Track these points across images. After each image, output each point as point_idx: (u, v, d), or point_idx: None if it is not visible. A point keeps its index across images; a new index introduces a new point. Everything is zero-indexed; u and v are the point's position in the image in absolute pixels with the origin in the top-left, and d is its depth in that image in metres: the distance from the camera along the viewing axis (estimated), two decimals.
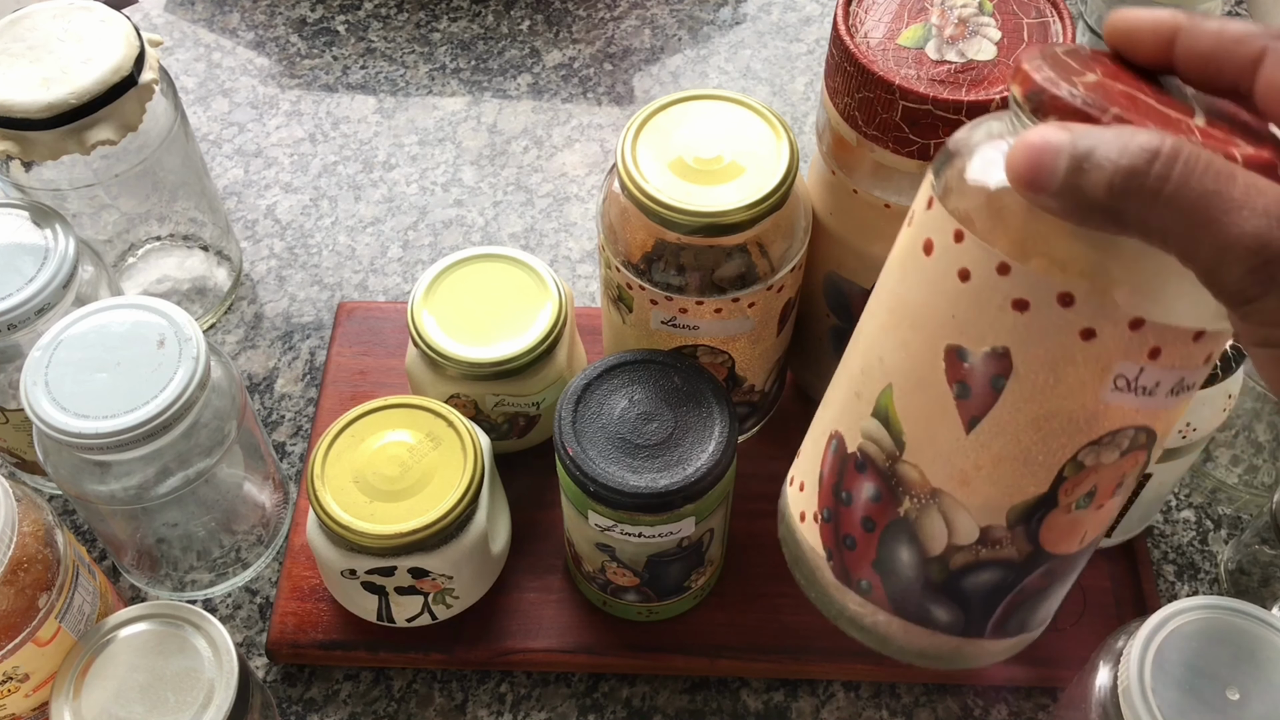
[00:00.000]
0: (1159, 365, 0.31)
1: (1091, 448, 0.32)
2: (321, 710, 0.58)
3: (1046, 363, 0.31)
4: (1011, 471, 0.33)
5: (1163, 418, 0.33)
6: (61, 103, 0.55)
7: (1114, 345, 0.31)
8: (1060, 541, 0.34)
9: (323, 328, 0.71)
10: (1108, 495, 0.34)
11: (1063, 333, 0.31)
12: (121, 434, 0.49)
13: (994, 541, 0.34)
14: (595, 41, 0.85)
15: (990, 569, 0.34)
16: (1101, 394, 0.31)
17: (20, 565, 0.46)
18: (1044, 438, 0.32)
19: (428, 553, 0.52)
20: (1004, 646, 0.37)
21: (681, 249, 0.50)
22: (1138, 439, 0.33)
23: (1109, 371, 0.31)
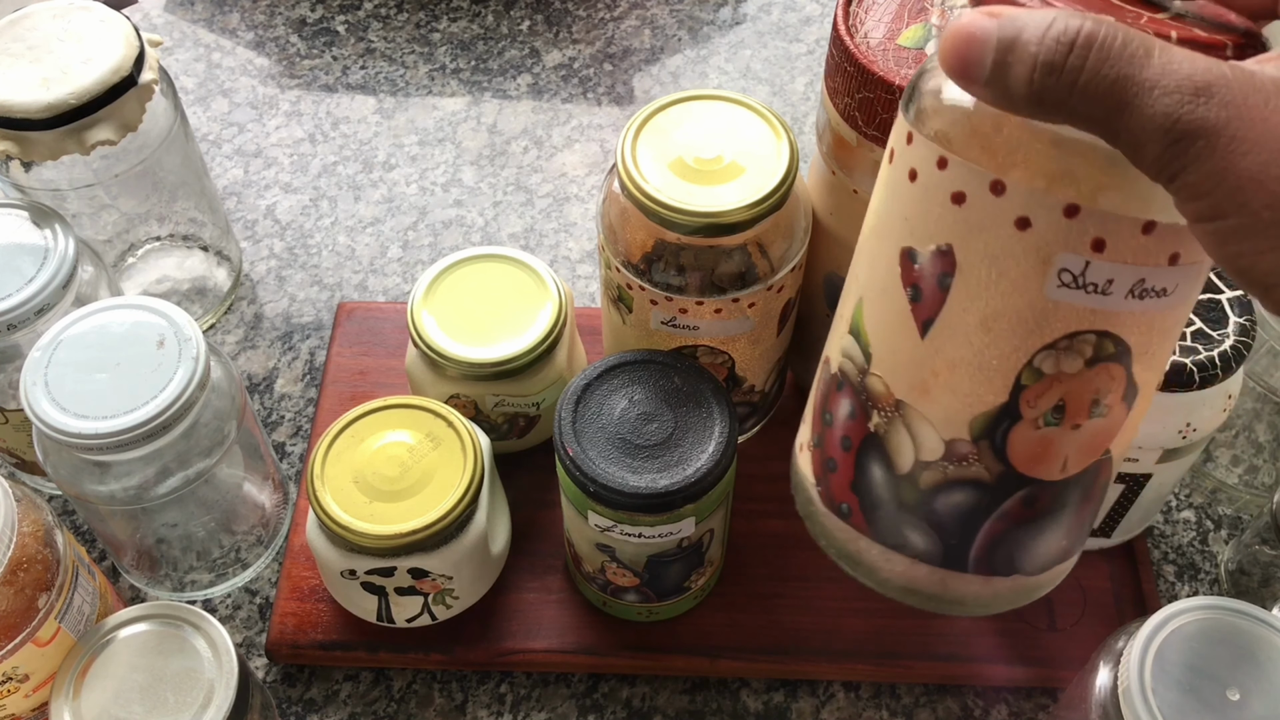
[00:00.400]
0: (1106, 259, 0.30)
1: (1048, 352, 0.31)
2: (321, 711, 0.58)
3: (987, 256, 0.31)
4: (968, 378, 0.32)
5: (1130, 324, 0.31)
6: (61, 103, 0.55)
7: (1051, 235, 0.30)
8: (1033, 462, 0.33)
9: (322, 328, 0.71)
10: (1082, 413, 0.32)
11: (998, 223, 0.30)
12: (121, 434, 0.49)
13: (960, 457, 0.33)
14: (595, 41, 0.85)
15: (961, 489, 0.33)
16: (1046, 289, 0.30)
17: (20, 565, 0.46)
18: (994, 339, 0.31)
19: (427, 553, 0.52)
20: (994, 590, 0.35)
21: (681, 249, 0.50)
22: (1104, 347, 0.31)
23: (1050, 264, 0.30)
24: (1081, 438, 0.32)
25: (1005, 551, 0.34)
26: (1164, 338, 0.32)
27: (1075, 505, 0.34)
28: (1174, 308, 0.32)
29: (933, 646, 0.57)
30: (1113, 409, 0.32)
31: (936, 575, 0.34)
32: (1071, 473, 0.33)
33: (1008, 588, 0.35)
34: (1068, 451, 0.33)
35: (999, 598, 0.35)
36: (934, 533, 0.34)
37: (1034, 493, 0.33)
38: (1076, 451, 0.33)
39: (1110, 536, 0.58)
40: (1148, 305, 0.31)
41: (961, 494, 0.33)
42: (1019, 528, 0.34)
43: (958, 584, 0.34)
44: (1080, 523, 0.35)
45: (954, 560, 0.34)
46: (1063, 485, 0.33)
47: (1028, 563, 0.35)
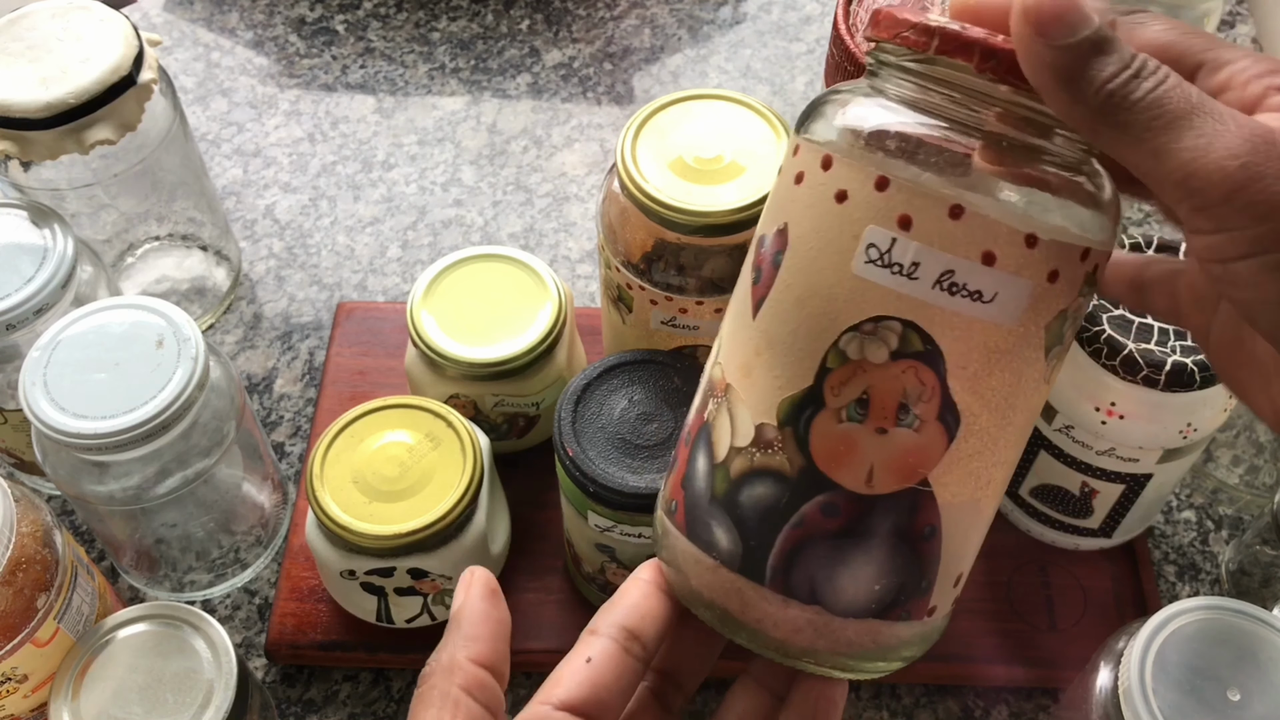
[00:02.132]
0: (912, 238, 0.30)
1: (853, 334, 0.30)
2: (321, 711, 0.58)
3: (811, 230, 0.31)
4: (782, 358, 0.32)
5: (940, 323, 0.30)
6: (60, 102, 0.55)
7: (863, 208, 0.30)
8: (833, 460, 0.31)
9: (322, 328, 0.71)
10: (888, 415, 0.31)
11: (823, 197, 0.31)
12: (120, 434, 0.49)
13: (766, 444, 0.32)
14: (595, 41, 0.85)
15: (763, 480, 0.32)
16: (854, 264, 0.30)
17: (19, 566, 0.46)
18: (807, 317, 0.31)
19: (427, 553, 0.52)
20: (793, 621, 0.32)
21: (681, 249, 0.50)
22: (910, 340, 0.30)
23: (860, 239, 0.30)
24: (889, 449, 0.31)
25: (804, 568, 0.32)
26: (991, 362, 0.30)
27: (886, 540, 0.31)
28: (999, 325, 0.30)
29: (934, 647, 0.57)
30: (925, 425, 0.31)
31: (735, 585, 0.32)
32: (879, 489, 0.31)
33: (809, 625, 0.32)
34: (873, 459, 0.31)
35: (799, 635, 0.32)
36: (735, 529, 0.32)
37: (835, 501, 0.31)
38: (883, 464, 0.31)
39: (1111, 537, 0.58)
40: (960, 306, 0.30)
41: (764, 486, 0.32)
42: (819, 541, 0.31)
43: (756, 600, 0.32)
44: (895, 567, 0.32)
45: (752, 566, 0.32)
46: (869, 505, 0.31)
47: (829, 592, 0.32)
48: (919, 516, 0.31)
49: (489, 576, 0.36)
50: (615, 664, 0.33)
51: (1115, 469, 0.54)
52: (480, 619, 0.35)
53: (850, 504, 0.31)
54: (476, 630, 0.34)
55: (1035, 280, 0.30)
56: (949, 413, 0.31)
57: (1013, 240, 0.29)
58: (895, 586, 0.32)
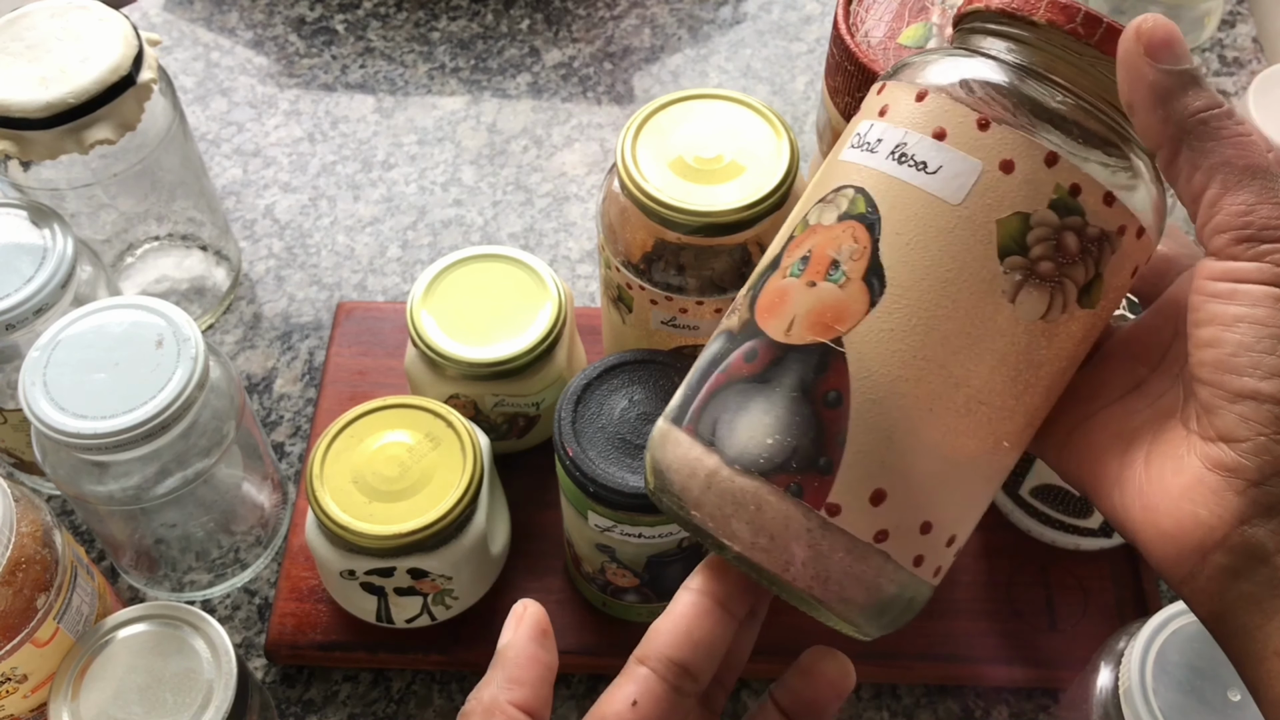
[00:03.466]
0: (884, 120, 0.33)
1: (819, 205, 0.33)
2: (320, 711, 0.58)
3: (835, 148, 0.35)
4: (774, 241, 0.35)
5: (885, 189, 0.32)
6: (60, 102, 0.55)
7: (866, 110, 0.34)
8: (768, 311, 0.32)
9: (322, 328, 0.71)
10: (820, 269, 0.32)
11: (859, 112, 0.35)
12: (120, 434, 0.49)
13: (733, 309, 0.34)
14: (595, 41, 0.85)
15: (717, 339, 0.34)
16: (842, 153, 0.34)
17: (18, 566, 0.46)
18: (800, 206, 0.34)
19: (427, 553, 0.52)
20: (692, 456, 0.32)
21: (681, 249, 0.50)
22: (856, 204, 0.32)
23: (852, 131, 0.34)
24: (813, 300, 0.32)
25: (712, 410, 0.32)
26: (926, 235, 0.31)
27: (787, 391, 0.31)
28: (940, 199, 0.31)
29: (933, 647, 0.57)
30: (850, 282, 0.31)
31: (664, 430, 0.34)
32: (794, 339, 0.31)
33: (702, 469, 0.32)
34: (797, 310, 0.32)
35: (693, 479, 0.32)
36: (685, 385, 0.34)
37: (756, 347, 0.32)
38: (804, 314, 0.32)
39: (1111, 537, 0.58)
40: (905, 174, 0.31)
41: (716, 344, 0.34)
42: (733, 385, 0.32)
43: (672, 443, 0.33)
44: (791, 423, 0.31)
45: (681, 413, 0.34)
46: (782, 352, 0.31)
47: (725, 434, 0.32)
48: (826, 376, 0.31)
49: (540, 615, 0.35)
50: (663, 706, 0.32)
51: None
52: (527, 661, 0.34)
53: (767, 350, 0.32)
54: (522, 673, 0.33)
55: (986, 162, 0.31)
56: (875, 275, 0.31)
57: (965, 120, 0.31)
58: (789, 446, 0.31)
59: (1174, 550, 0.31)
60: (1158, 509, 0.31)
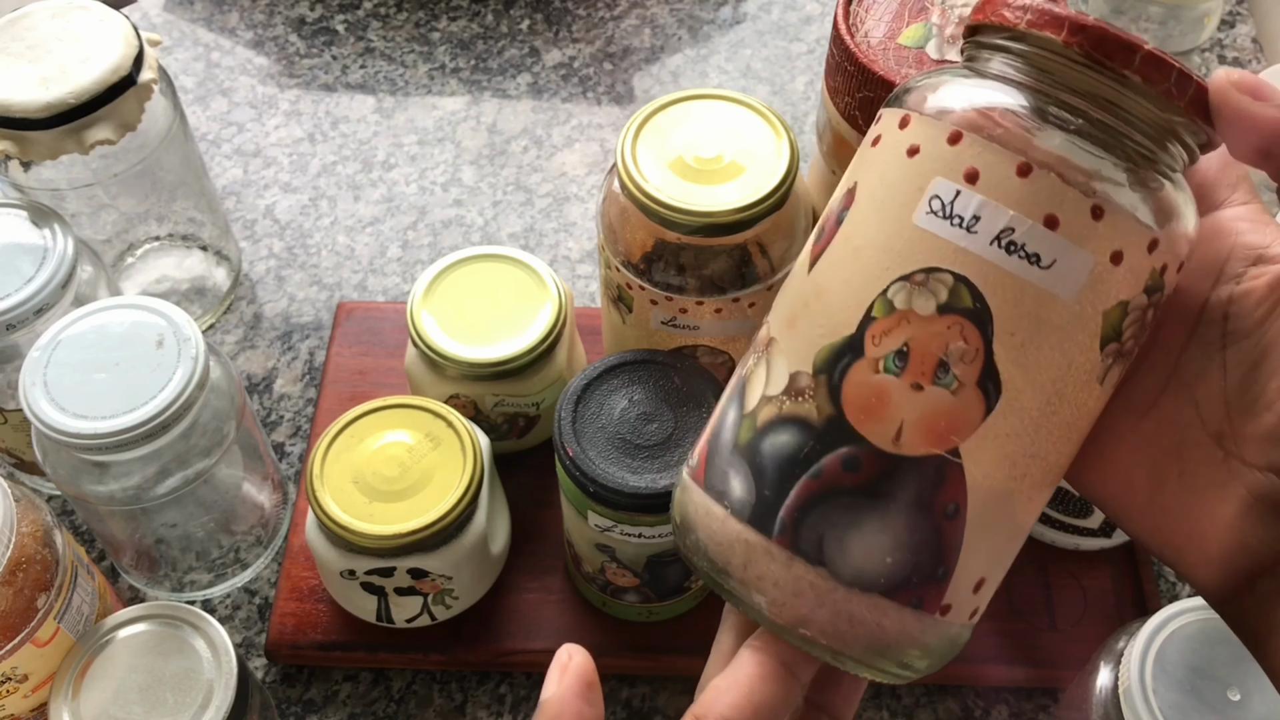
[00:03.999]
0: (977, 191, 0.29)
1: (903, 284, 0.29)
2: (321, 711, 0.58)
3: (879, 184, 0.31)
4: (829, 307, 0.31)
5: (993, 281, 0.29)
6: (60, 102, 0.55)
7: (933, 161, 0.30)
8: (864, 412, 0.30)
9: (322, 328, 0.71)
10: (926, 371, 0.29)
11: (895, 154, 0.31)
12: (120, 434, 0.49)
13: (798, 391, 0.30)
14: (595, 41, 0.85)
15: (788, 427, 0.30)
16: (916, 215, 0.30)
17: (19, 566, 0.46)
18: (862, 266, 0.30)
19: (427, 553, 0.52)
20: (793, 574, 0.30)
21: (681, 249, 0.50)
22: (959, 295, 0.29)
23: (925, 191, 0.30)
24: (922, 407, 0.29)
25: (815, 525, 0.30)
26: (1040, 334, 0.29)
27: (906, 507, 0.30)
28: (1054, 296, 0.29)
29: None
30: (964, 389, 0.29)
31: (742, 537, 0.31)
32: (905, 449, 0.29)
33: (810, 588, 0.30)
34: (904, 416, 0.29)
35: (800, 599, 0.30)
36: (752, 478, 0.31)
37: (858, 455, 0.30)
38: (914, 422, 0.29)
39: (1111, 537, 0.58)
40: (1016, 267, 0.29)
41: (788, 433, 0.30)
42: (835, 497, 0.30)
43: (760, 555, 0.30)
44: (912, 541, 0.30)
45: (762, 518, 0.30)
46: (893, 465, 0.29)
47: (837, 554, 0.30)
48: (944, 489, 0.30)
49: (586, 666, 0.33)
50: None
51: None
52: (572, 716, 0.32)
53: (873, 460, 0.30)
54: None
55: (1097, 255, 0.29)
56: (990, 379, 0.29)
57: (1079, 208, 0.29)
58: (909, 564, 0.30)
59: (1219, 575, 0.31)
60: (1203, 535, 0.31)
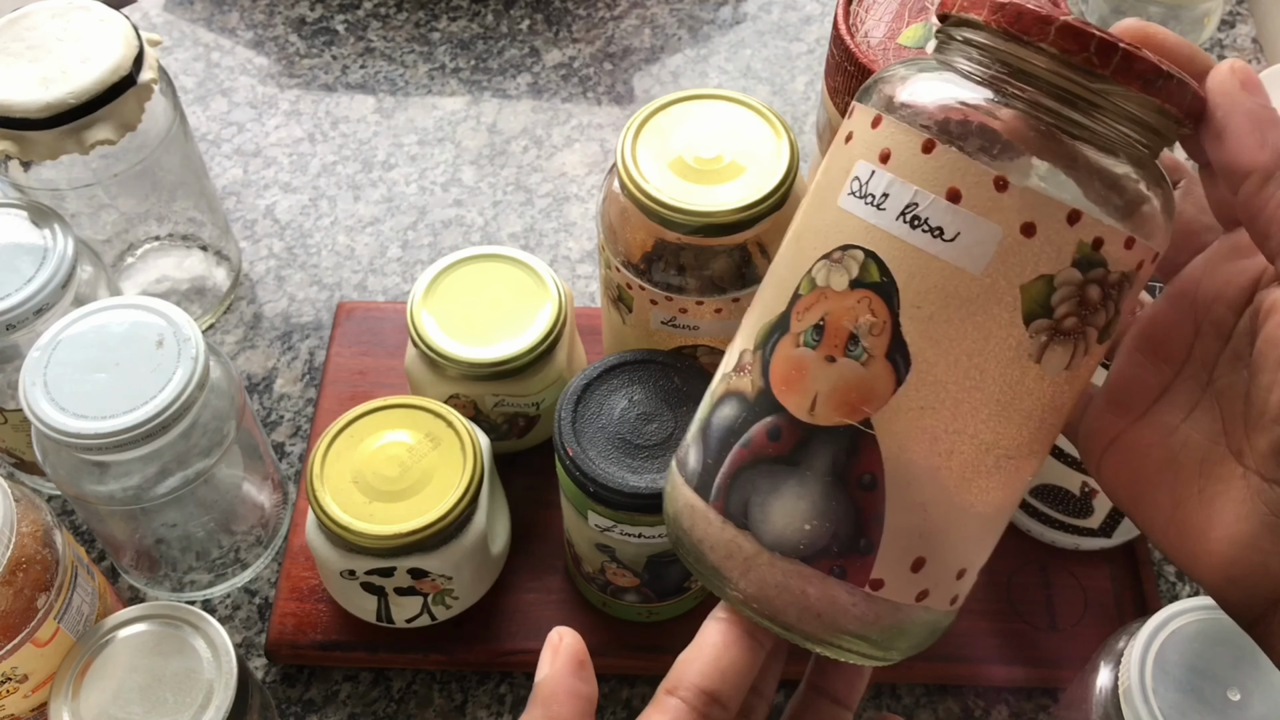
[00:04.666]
0: (888, 169, 0.30)
1: (824, 262, 0.31)
2: (321, 711, 0.58)
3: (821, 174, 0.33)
4: (771, 289, 0.33)
5: (899, 256, 0.30)
6: (60, 102, 0.55)
7: (860, 146, 0.31)
8: (785, 384, 0.31)
9: (322, 328, 0.71)
10: (838, 343, 0.30)
11: (837, 142, 0.32)
12: (120, 434, 0.49)
13: (741, 368, 0.33)
14: (595, 41, 0.85)
15: (731, 400, 0.32)
16: (840, 198, 0.31)
17: (19, 566, 0.46)
18: (798, 250, 0.32)
19: (427, 553, 0.52)
20: (725, 537, 0.32)
21: (681, 249, 0.50)
22: (868, 269, 0.30)
23: (849, 173, 0.31)
24: (834, 377, 0.30)
25: (741, 490, 0.31)
26: (949, 308, 0.30)
27: (820, 475, 0.31)
28: (960, 269, 0.29)
29: (933, 647, 0.57)
30: (873, 360, 0.30)
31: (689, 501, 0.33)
32: (820, 419, 0.30)
33: (739, 551, 0.31)
34: (818, 387, 0.31)
35: (730, 561, 0.32)
36: (702, 448, 0.33)
37: (779, 424, 0.31)
38: (827, 393, 0.30)
39: (1111, 537, 0.58)
40: (920, 240, 0.29)
41: (729, 406, 0.33)
42: (759, 464, 0.31)
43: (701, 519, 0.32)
44: (828, 509, 0.31)
45: (705, 484, 0.32)
46: (809, 434, 0.31)
47: (759, 517, 0.31)
48: (858, 460, 0.30)
49: (577, 646, 0.34)
50: None
51: None
52: (566, 695, 0.33)
53: (792, 429, 0.31)
54: (561, 709, 0.33)
55: (1005, 227, 0.29)
56: (898, 352, 0.30)
57: (981, 180, 0.29)
58: (827, 531, 0.31)
59: (1243, 596, 0.30)
60: (1225, 556, 0.30)
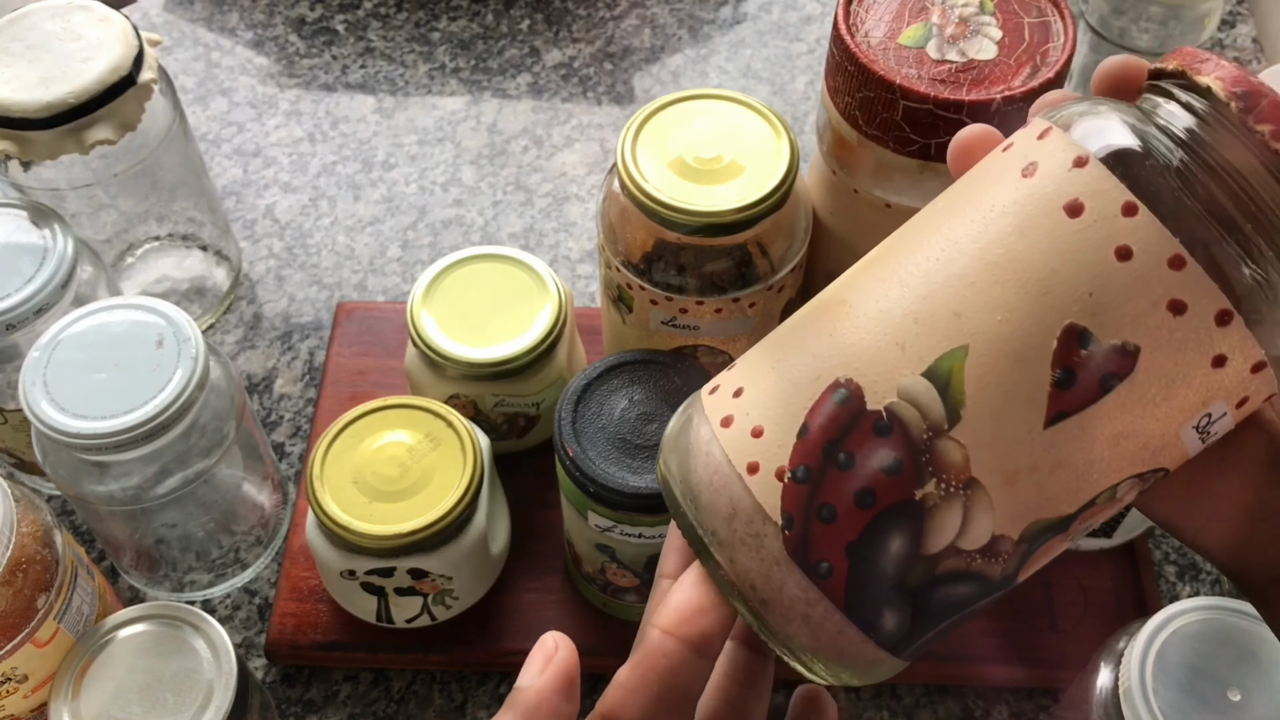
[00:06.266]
0: (1235, 416, 0.29)
1: (1134, 480, 0.29)
2: (321, 711, 0.58)
3: (1167, 376, 0.28)
4: (1062, 482, 0.28)
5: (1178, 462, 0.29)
6: (60, 102, 0.55)
7: (1230, 380, 0.28)
8: (1032, 571, 0.30)
9: (322, 328, 0.71)
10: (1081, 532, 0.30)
11: (1199, 350, 0.27)
12: (120, 434, 0.49)
13: (995, 554, 0.29)
14: (595, 41, 0.85)
15: (968, 582, 0.29)
16: (1183, 430, 0.28)
17: (19, 566, 0.46)
18: (1115, 455, 0.28)
19: (427, 553, 0.52)
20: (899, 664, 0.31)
21: (681, 249, 0.50)
22: (1146, 480, 0.30)
23: (1203, 407, 0.28)
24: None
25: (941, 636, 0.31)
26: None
27: None
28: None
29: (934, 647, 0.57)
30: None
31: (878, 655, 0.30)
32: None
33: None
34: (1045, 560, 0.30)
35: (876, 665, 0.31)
36: (911, 619, 0.30)
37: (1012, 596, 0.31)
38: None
39: (1111, 537, 0.58)
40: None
41: (965, 587, 0.29)
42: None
43: (887, 666, 0.31)
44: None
45: (903, 645, 0.30)
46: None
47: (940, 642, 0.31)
48: None
49: (570, 661, 0.32)
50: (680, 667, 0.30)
51: None
52: (548, 714, 0.31)
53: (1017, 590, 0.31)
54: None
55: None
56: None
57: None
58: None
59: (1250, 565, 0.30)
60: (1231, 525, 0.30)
